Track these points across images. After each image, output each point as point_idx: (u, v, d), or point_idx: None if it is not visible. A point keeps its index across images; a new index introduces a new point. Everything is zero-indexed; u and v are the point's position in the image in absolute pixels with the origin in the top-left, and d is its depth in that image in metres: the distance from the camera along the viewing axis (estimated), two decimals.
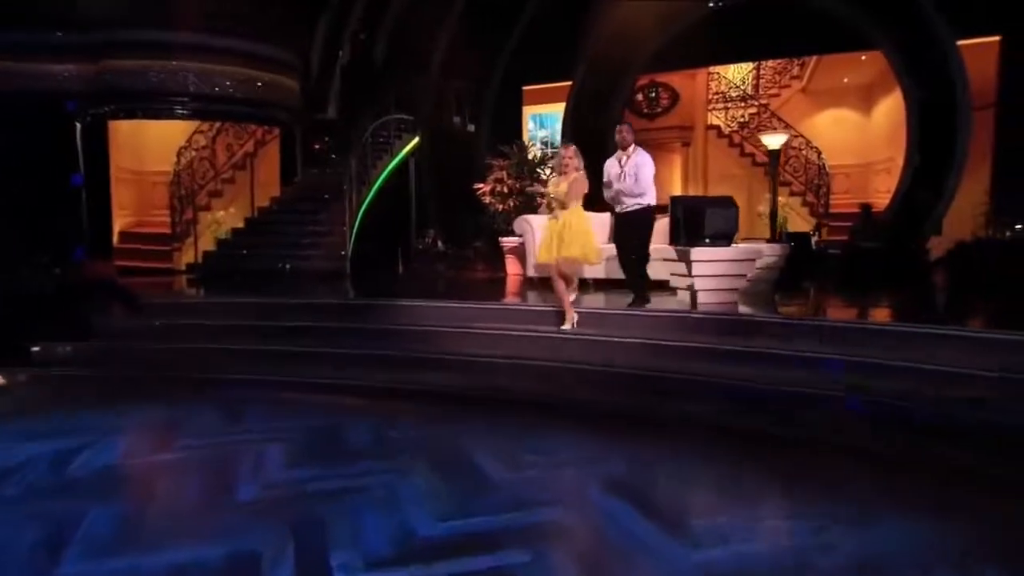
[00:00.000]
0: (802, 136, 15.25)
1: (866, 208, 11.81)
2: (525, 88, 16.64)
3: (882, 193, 14.22)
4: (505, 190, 10.43)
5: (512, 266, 10.59)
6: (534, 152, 10.78)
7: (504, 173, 10.51)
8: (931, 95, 12.97)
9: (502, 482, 3.87)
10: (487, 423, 4.97)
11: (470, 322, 6.69)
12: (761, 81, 15.88)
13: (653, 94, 16.28)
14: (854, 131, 14.76)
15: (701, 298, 6.60)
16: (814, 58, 14.88)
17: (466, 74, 15.56)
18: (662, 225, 7.07)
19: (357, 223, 11.53)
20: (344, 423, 5.03)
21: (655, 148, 17.00)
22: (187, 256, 13.31)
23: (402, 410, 5.39)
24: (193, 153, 13.63)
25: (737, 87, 15.97)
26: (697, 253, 6.56)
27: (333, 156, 13.69)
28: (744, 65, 15.82)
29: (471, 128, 15.89)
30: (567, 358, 5.86)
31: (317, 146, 14.90)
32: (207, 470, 4.30)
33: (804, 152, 15.16)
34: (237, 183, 14.21)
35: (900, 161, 13.40)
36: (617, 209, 6.64)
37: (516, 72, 15.64)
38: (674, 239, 6.74)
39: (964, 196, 12.57)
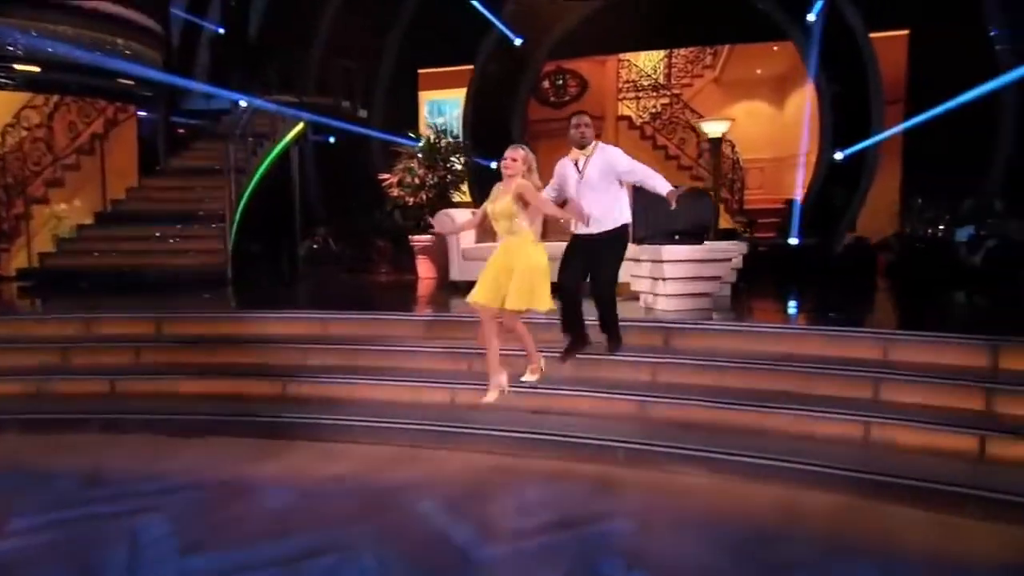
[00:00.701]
0: None
1: (792, 204, 11.59)
2: (421, 71, 15.53)
3: (794, 188, 14.15)
4: (416, 181, 9.27)
5: (425, 268, 9.48)
6: (447, 140, 9.67)
7: (414, 161, 9.34)
8: (844, 88, 12.96)
9: None
10: None
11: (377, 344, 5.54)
12: (673, 70, 15.54)
13: (560, 81, 15.57)
14: (767, 124, 14.66)
15: (669, 304, 5.77)
16: (727, 48, 14.66)
17: (355, 53, 14.22)
18: None
19: (237, 219, 9.99)
20: None
21: (563, 139, 16.36)
22: (17, 260, 11.23)
23: None
24: (23, 132, 11.50)
25: (649, 76, 15.53)
26: (670, 252, 5.73)
27: (202, 141, 11.99)
28: (656, 53, 15.41)
29: (363, 114, 14.55)
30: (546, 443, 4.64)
31: (182, 129, 13.11)
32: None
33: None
34: (83, 170, 12.17)
35: (813, 156, 13.34)
36: (578, 230, 4.92)
37: (411, 54, 14.49)
38: (635, 236, 5.85)
39: (877, 192, 12.67)
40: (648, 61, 15.70)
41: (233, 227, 9.71)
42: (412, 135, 10.10)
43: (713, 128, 10.04)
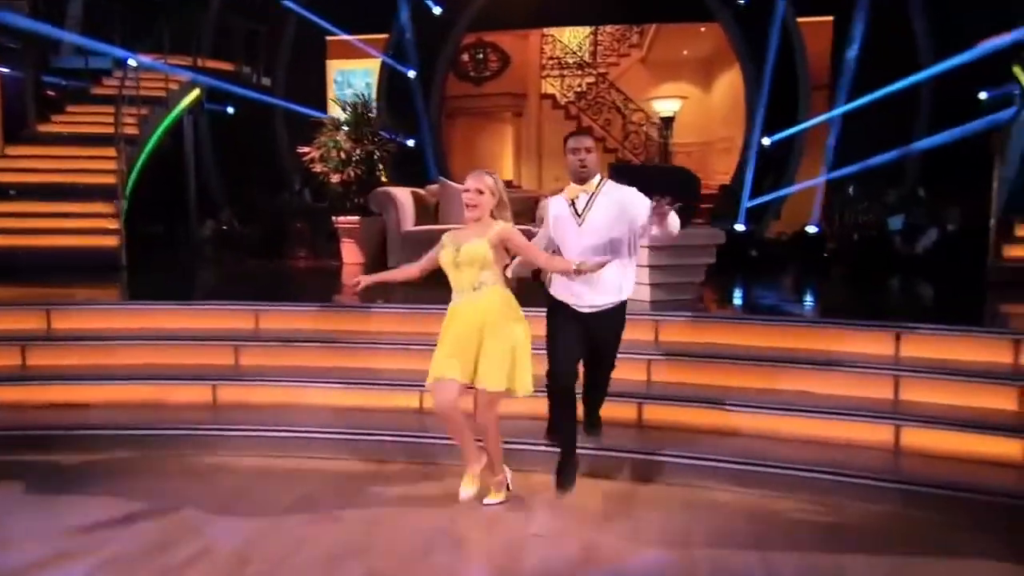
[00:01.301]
0: (642, 110, 14.84)
1: (727, 189, 11.53)
2: (329, 39, 14.53)
3: (720, 174, 14.20)
4: (342, 156, 8.48)
5: (350, 253, 8.72)
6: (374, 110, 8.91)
7: (340, 134, 8.54)
8: (771, 73, 13.03)
9: None
10: None
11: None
12: (599, 48, 15.24)
13: (481, 55, 14.99)
14: (694, 107, 14.61)
15: (651, 295, 5.36)
16: (654, 27, 14.48)
17: (257, 15, 13.12)
18: None
19: (128, 195, 8.87)
20: None
21: (483, 117, 15.94)
22: None
23: None
24: None
25: (574, 53, 15.17)
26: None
27: (78, 104, 10.65)
28: (581, 30, 15.07)
29: (266, 82, 13.46)
30: None
31: (53, 92, 11.62)
32: None
33: (644, 128, 14.77)
34: None
35: (739, 141, 13.39)
36: (573, 302, 3.60)
37: (319, 18, 13.50)
38: None
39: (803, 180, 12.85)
40: (573, 38, 15.36)
41: (125, 205, 8.61)
42: (338, 103, 9.26)
43: (665, 107, 9.73)
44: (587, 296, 3.53)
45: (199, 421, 4.53)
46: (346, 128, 8.69)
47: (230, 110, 12.77)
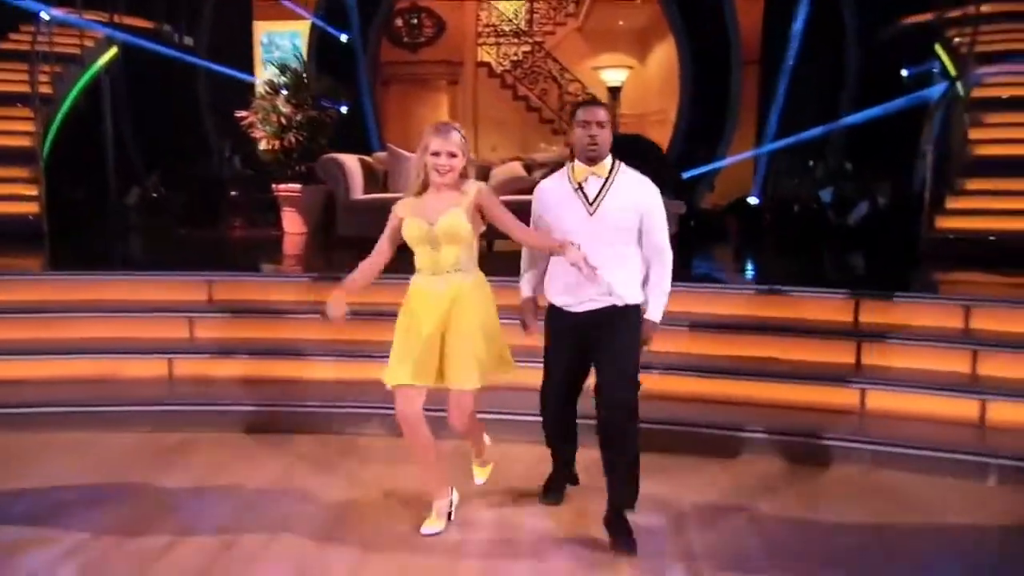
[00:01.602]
0: (579, 81, 14.84)
1: (664, 160, 11.67)
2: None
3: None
4: (282, 121, 8.17)
5: (292, 222, 8.45)
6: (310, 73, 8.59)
7: (279, 99, 8.21)
8: (705, 46, 13.24)
9: None
10: None
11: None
12: (536, 16, 15.09)
13: (415, 20, 14.63)
14: (629, 79, 14.66)
15: None
16: None
17: None
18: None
19: (45, 158, 8.30)
20: None
21: (418, 85, 15.60)
22: None
23: None
24: None
25: (510, 21, 14.99)
26: None
27: None
28: None
29: (189, 41, 12.78)
30: None
31: None
32: None
33: (581, 99, 14.76)
34: None
35: (673, 113, 13.59)
36: (568, 303, 3.08)
37: None
38: None
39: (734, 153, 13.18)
40: (509, 5, 15.16)
41: (43, 168, 8.07)
42: (275, 65, 8.88)
43: (611, 77, 9.71)
44: (584, 293, 2.98)
45: (158, 396, 4.32)
46: (285, 92, 8.36)
47: (150, 70, 12.12)
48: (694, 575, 2.80)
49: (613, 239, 2.96)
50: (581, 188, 3.00)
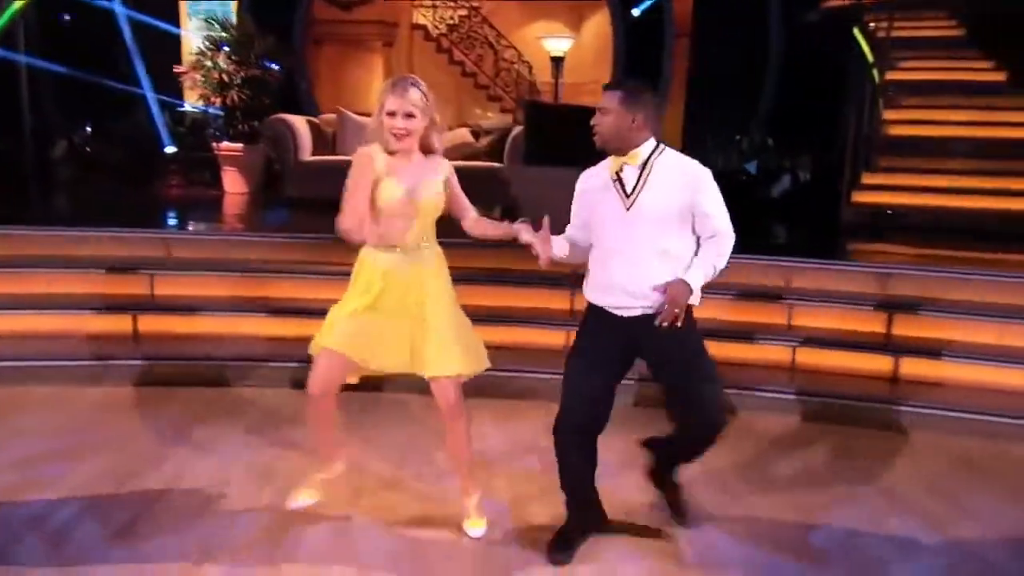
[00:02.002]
0: (514, 48, 14.95)
1: None
2: None
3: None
4: (224, 78, 8.05)
5: (233, 182, 8.37)
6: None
7: (221, 55, 8.09)
8: (638, 17, 13.59)
9: None
10: None
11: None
12: None
13: None
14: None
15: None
16: None
17: None
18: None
19: None
20: None
21: (351, 45, 15.35)
22: None
23: None
24: None
25: None
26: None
27: None
28: None
29: None
30: None
31: None
32: None
33: (516, 66, 14.91)
34: None
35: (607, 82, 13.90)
36: (612, 304, 2.73)
37: None
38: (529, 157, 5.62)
39: (668, 123, 13.62)
40: None
41: None
42: (215, 21, 8.70)
43: (555, 46, 9.89)
44: (629, 297, 2.67)
45: (127, 353, 4.39)
46: (227, 48, 8.23)
47: (66, 18, 11.61)
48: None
49: (655, 234, 2.66)
50: (619, 179, 2.72)
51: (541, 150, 5.71)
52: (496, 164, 7.13)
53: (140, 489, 3.09)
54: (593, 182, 2.80)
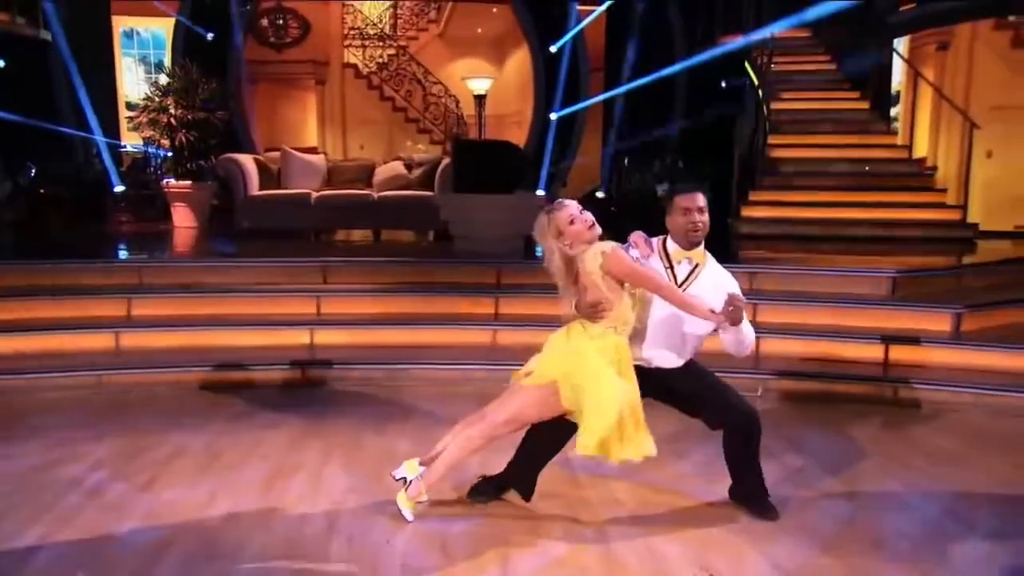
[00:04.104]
0: (441, 83, 16.02)
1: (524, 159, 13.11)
2: None
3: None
4: (172, 121, 8.82)
5: (183, 217, 9.10)
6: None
7: (169, 100, 8.87)
8: (555, 52, 14.83)
9: None
10: None
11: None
12: (399, 22, 16.12)
13: (281, 20, 15.27)
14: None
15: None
16: (450, 4, 15.66)
17: None
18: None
19: None
20: None
21: (286, 84, 16.17)
22: None
23: None
24: None
25: (375, 24, 15.94)
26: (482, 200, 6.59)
27: None
28: (381, 3, 15.85)
29: (45, 36, 12.80)
30: None
31: None
32: None
33: (444, 100, 15.97)
34: None
35: (529, 114, 15.09)
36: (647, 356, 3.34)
37: None
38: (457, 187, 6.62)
39: (587, 153, 14.88)
40: (374, 9, 16.10)
41: None
42: (168, 70, 9.45)
43: (477, 85, 11.01)
44: (655, 357, 3.29)
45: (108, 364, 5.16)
46: (173, 94, 9.00)
47: (6, 63, 12.10)
48: None
49: (690, 320, 3.20)
50: (672, 268, 3.28)
51: (467, 180, 6.69)
52: (428, 193, 8.09)
53: (152, 459, 3.89)
54: (653, 258, 3.30)
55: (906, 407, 4.97)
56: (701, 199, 3.26)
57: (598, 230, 3.13)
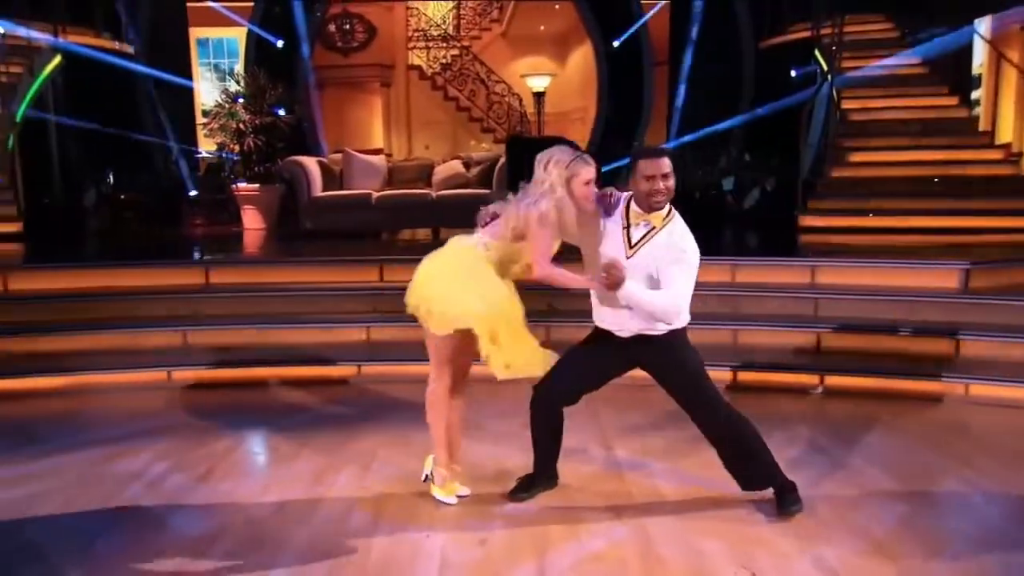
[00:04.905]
0: (504, 82, 16.09)
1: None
2: (190, 4, 14.62)
3: (577, 142, 15.78)
4: (242, 127, 9.13)
5: (252, 219, 9.40)
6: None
7: (238, 106, 9.18)
8: (618, 49, 14.71)
9: None
10: None
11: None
12: (462, 22, 16.26)
13: (347, 26, 15.59)
14: (551, 80, 16.02)
15: None
16: (513, 2, 15.69)
17: None
18: None
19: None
20: None
21: (352, 87, 16.54)
22: None
23: None
24: None
25: (438, 26, 16.12)
26: None
27: None
28: (444, 3, 16.02)
29: (131, 49, 13.43)
30: None
31: None
32: None
33: (507, 99, 16.03)
34: None
35: (592, 111, 15.00)
36: (609, 329, 3.29)
37: None
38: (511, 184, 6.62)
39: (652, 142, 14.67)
40: (437, 11, 16.29)
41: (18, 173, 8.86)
42: (240, 77, 9.78)
43: (536, 83, 11.02)
44: (618, 324, 3.21)
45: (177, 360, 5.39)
46: (242, 100, 9.32)
47: (90, 77, 12.75)
48: None
49: (645, 282, 3.13)
50: (628, 229, 3.18)
51: (521, 177, 6.68)
52: (485, 191, 8.14)
53: (212, 451, 4.05)
54: (612, 220, 3.22)
55: (976, 405, 4.73)
56: (666, 165, 3.12)
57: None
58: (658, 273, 3.12)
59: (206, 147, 12.34)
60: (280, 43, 13.76)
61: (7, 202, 8.55)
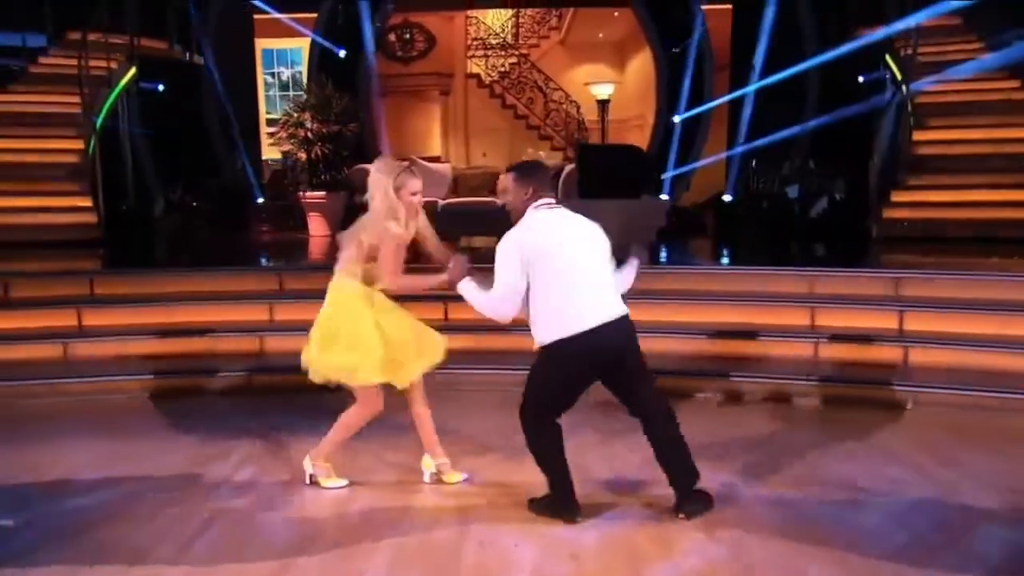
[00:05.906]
0: (562, 90, 16.06)
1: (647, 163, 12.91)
2: (257, 16, 14.95)
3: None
4: (309, 135, 9.28)
5: (317, 226, 9.54)
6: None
7: (307, 115, 9.33)
8: (679, 55, 14.53)
9: None
10: None
11: None
12: (521, 30, 16.31)
13: (408, 35, 15.78)
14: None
15: None
16: (571, 10, 15.68)
17: None
18: None
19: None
20: None
21: (412, 96, 16.74)
22: None
23: None
24: None
25: (497, 34, 16.19)
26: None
27: (19, 83, 10.88)
28: (503, 12, 16.08)
29: (199, 60, 13.80)
30: None
31: None
32: None
33: (564, 107, 16.00)
34: None
35: (651, 118, 14.85)
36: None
37: None
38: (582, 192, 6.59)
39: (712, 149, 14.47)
40: (496, 19, 16.36)
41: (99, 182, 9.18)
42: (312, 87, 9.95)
43: (600, 91, 10.97)
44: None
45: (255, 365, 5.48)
46: (311, 109, 9.47)
47: (160, 87, 13.14)
48: None
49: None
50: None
51: (592, 185, 6.65)
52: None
53: (294, 455, 4.07)
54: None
55: None
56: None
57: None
58: None
59: (271, 155, 12.57)
60: (343, 53, 13.96)
61: (88, 210, 8.86)
